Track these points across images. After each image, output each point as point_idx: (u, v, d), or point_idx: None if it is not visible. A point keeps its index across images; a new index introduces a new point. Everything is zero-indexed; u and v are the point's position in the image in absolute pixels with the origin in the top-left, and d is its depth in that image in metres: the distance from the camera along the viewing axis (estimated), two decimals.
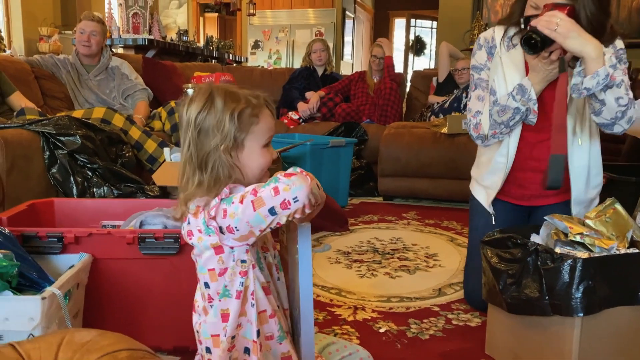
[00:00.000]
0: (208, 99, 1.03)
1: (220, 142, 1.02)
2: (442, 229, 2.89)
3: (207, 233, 1.01)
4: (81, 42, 3.30)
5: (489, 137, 1.71)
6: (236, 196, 0.99)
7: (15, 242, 1.33)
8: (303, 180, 0.96)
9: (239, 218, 0.97)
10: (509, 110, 1.62)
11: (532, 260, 1.32)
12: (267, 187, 0.96)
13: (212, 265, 1.04)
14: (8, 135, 2.23)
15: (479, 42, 1.77)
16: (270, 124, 1.06)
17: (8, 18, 7.41)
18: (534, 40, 1.46)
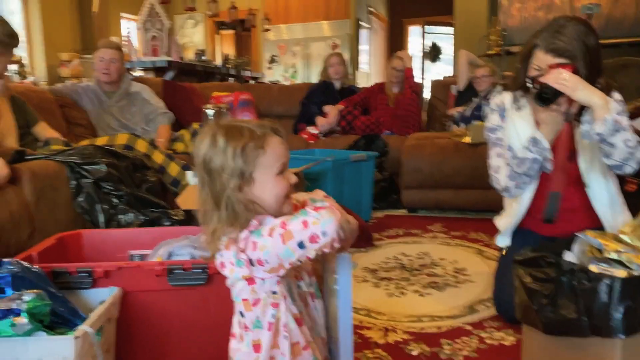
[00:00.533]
0: (211, 139, 1.04)
1: (228, 181, 1.02)
2: (470, 241, 2.85)
3: (238, 265, 1.02)
4: (101, 70, 3.35)
5: (511, 188, 1.87)
6: (265, 229, 0.99)
7: (46, 279, 1.33)
8: (332, 214, 0.96)
9: (269, 251, 0.98)
10: (527, 161, 1.78)
11: (567, 279, 1.29)
12: (296, 221, 0.96)
13: (246, 296, 1.05)
14: (35, 167, 2.25)
15: (491, 107, 1.98)
16: (279, 152, 1.06)
17: (30, 46, 7.57)
18: (546, 94, 1.66)
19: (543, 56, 1.73)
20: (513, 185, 1.86)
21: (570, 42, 1.68)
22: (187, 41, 9.92)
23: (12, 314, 1.15)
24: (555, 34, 1.71)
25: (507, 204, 2.04)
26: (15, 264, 1.29)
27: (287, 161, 1.07)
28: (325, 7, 9.23)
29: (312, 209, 0.97)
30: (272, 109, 4.73)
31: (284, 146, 1.07)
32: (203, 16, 9.71)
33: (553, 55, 1.70)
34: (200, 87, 4.60)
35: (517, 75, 1.90)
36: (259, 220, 1.02)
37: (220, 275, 1.43)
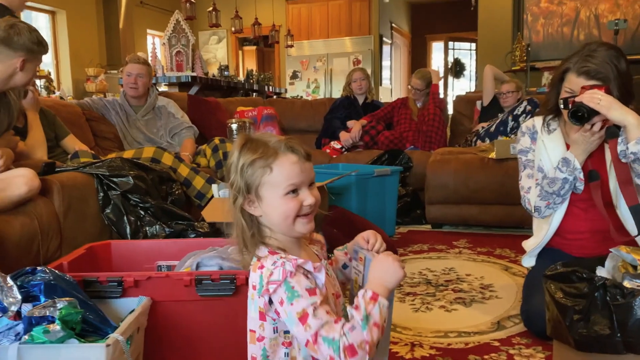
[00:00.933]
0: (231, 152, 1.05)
1: (236, 196, 1.03)
2: (496, 257, 2.82)
3: (259, 294, 1.00)
4: (128, 84, 3.41)
5: (542, 208, 1.89)
6: (299, 302, 0.95)
7: (77, 288, 1.35)
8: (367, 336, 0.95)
9: (289, 327, 0.97)
10: (558, 181, 1.81)
11: (600, 295, 1.27)
12: (326, 348, 0.94)
13: (254, 327, 1.03)
14: (64, 179, 2.30)
15: (522, 130, 2.01)
16: (289, 172, 1.02)
17: (57, 61, 7.74)
18: (581, 113, 1.66)
19: (575, 79, 1.75)
20: (544, 205, 1.88)
21: (602, 65, 1.71)
22: (211, 57, 10.07)
23: (45, 321, 1.16)
24: (587, 57, 1.74)
25: (537, 226, 2.04)
26: (48, 272, 1.31)
27: (301, 182, 1.03)
28: (348, 24, 9.31)
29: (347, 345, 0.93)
30: (295, 124, 4.76)
31: (298, 166, 1.02)
32: (227, 32, 9.85)
33: (585, 77, 1.72)
34: (224, 102, 4.65)
35: (547, 99, 1.93)
36: (296, 266, 0.97)
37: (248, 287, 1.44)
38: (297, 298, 0.95)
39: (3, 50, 2.09)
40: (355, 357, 0.93)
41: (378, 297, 0.98)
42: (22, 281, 1.28)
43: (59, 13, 7.60)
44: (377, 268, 1.04)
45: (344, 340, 0.93)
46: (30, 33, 2.13)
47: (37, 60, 2.20)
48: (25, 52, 2.11)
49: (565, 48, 6.33)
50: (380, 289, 1.00)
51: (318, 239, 1.20)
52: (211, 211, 2.49)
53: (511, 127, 3.61)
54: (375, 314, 0.97)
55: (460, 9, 9.25)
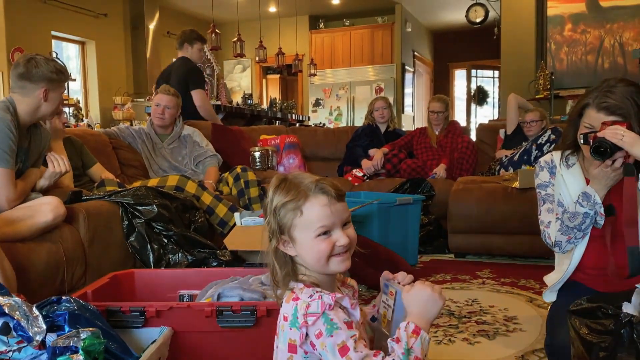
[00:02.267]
0: (269, 191, 1.07)
1: (270, 238, 1.05)
2: (520, 289, 2.77)
3: (291, 326, 1.00)
4: (156, 114, 3.48)
5: (562, 243, 1.87)
6: (338, 334, 0.96)
7: (100, 317, 1.37)
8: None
9: (326, 355, 0.97)
10: (579, 215, 1.79)
11: (627, 332, 1.24)
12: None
13: (283, 359, 1.03)
14: (90, 207, 2.34)
15: (540, 164, 1.99)
16: (319, 215, 1.02)
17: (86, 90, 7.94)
18: (604, 148, 1.65)
19: (595, 114, 1.74)
20: (565, 240, 1.86)
21: (622, 101, 1.70)
22: (235, 85, 10.23)
23: (69, 351, 1.18)
24: (606, 93, 1.73)
25: (558, 261, 2.01)
26: (72, 302, 1.33)
27: (332, 223, 1.03)
28: (371, 52, 9.40)
29: None
30: (317, 152, 4.78)
31: (329, 208, 1.03)
32: (251, 61, 10.01)
33: (605, 113, 1.71)
34: (247, 130, 4.71)
35: (565, 134, 1.92)
36: (335, 300, 0.99)
37: (269, 319, 1.45)
38: (337, 330, 0.96)
39: (25, 84, 2.16)
40: None
41: (420, 331, 0.99)
42: (47, 311, 1.30)
43: (89, 43, 7.83)
44: (416, 300, 1.03)
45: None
46: (48, 63, 2.19)
47: (60, 88, 2.26)
48: (46, 83, 2.17)
49: (590, 76, 6.29)
50: (422, 322, 1.00)
51: (352, 284, 1.20)
52: (233, 239, 2.51)
53: (535, 156, 3.58)
54: (416, 348, 0.97)
55: (483, 36, 9.28)
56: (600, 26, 6.31)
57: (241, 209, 3.12)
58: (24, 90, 2.16)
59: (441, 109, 4.22)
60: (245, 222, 2.72)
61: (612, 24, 6.27)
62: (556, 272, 1.99)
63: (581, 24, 6.41)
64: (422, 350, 0.98)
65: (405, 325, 0.99)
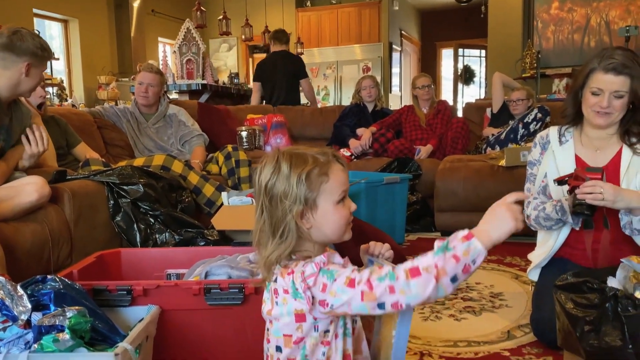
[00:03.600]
0: (275, 165, 1.03)
1: (290, 208, 1.01)
2: (506, 266, 2.80)
3: (295, 297, 0.99)
4: (140, 93, 3.43)
5: (534, 225, 1.92)
6: (340, 274, 0.97)
7: (86, 296, 1.36)
8: (421, 289, 0.92)
9: (341, 300, 0.96)
10: (552, 220, 1.84)
11: (612, 306, 1.26)
12: (383, 284, 0.93)
13: (289, 332, 1.02)
14: (75, 187, 2.31)
15: (535, 140, 2.02)
16: (341, 179, 1.04)
17: (69, 69, 7.82)
18: (587, 213, 1.65)
19: (602, 76, 1.74)
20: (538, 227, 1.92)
21: (626, 60, 1.72)
22: (221, 64, 10.12)
23: (55, 330, 1.17)
24: (609, 56, 1.75)
25: (542, 238, 2.03)
26: (57, 281, 1.32)
27: (347, 189, 1.06)
28: (358, 31, 9.33)
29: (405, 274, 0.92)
30: (304, 132, 4.76)
31: (344, 174, 1.06)
32: (237, 40, 9.90)
33: (614, 74, 1.72)
34: (234, 109, 4.67)
35: (565, 107, 1.92)
36: (328, 257, 1.00)
37: (257, 296, 1.44)
38: (337, 272, 0.97)
39: (8, 56, 2.10)
40: (418, 277, 0.90)
41: (472, 237, 0.93)
42: (32, 290, 1.29)
43: (72, 22, 7.69)
44: (485, 217, 0.98)
45: (401, 267, 0.92)
46: (34, 39, 2.14)
47: (42, 65, 2.21)
48: (29, 57, 2.12)
49: (576, 55, 6.30)
50: (481, 234, 0.94)
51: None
52: (221, 219, 2.49)
53: (521, 134, 3.60)
54: (459, 248, 0.92)
55: (470, 15, 9.25)
56: (587, 4, 6.31)
57: (229, 188, 3.11)
58: (4, 62, 2.10)
59: (428, 83, 4.23)
60: (233, 202, 2.70)
61: (598, 2, 6.28)
62: (540, 248, 2.01)
63: (568, 3, 6.40)
64: (467, 255, 0.91)
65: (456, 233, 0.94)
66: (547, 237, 1.96)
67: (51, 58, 2.27)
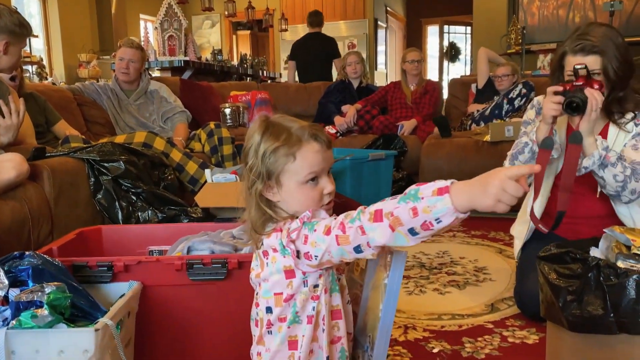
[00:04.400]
0: (252, 134, 1.02)
1: (252, 182, 1.01)
2: (490, 240, 2.82)
3: (283, 254, 0.99)
4: (120, 69, 3.37)
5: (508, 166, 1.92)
6: (320, 224, 0.96)
7: (66, 272, 1.33)
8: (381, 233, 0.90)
9: (321, 249, 0.95)
10: (520, 144, 1.85)
11: (594, 275, 1.26)
12: (354, 226, 0.91)
13: (280, 289, 1.02)
14: (55, 164, 2.27)
15: (533, 102, 2.02)
16: (312, 160, 1.00)
17: (49, 47, 7.66)
18: (576, 104, 1.63)
19: (572, 59, 1.73)
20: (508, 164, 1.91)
21: (597, 40, 1.70)
22: (204, 41, 9.99)
23: (33, 306, 1.15)
24: (579, 36, 1.73)
25: (521, 212, 2.03)
26: (35, 257, 1.29)
27: (321, 170, 1.01)
28: (343, 7, 9.22)
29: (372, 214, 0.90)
30: (289, 108, 4.72)
31: (321, 155, 1.01)
32: (220, 16, 9.77)
33: (582, 54, 1.71)
34: (217, 86, 4.62)
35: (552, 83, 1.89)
36: (313, 212, 0.99)
37: (240, 271, 1.43)
38: (317, 223, 0.96)
39: None
40: (378, 222, 0.88)
41: (446, 193, 0.84)
42: (10, 266, 1.26)
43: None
44: (479, 178, 0.88)
45: (369, 209, 0.91)
46: (12, 15, 2.09)
47: (21, 43, 2.16)
48: (7, 35, 2.07)
49: (561, 30, 6.29)
50: (460, 194, 0.84)
51: None
52: (204, 196, 2.47)
53: (506, 110, 3.59)
54: (423, 203, 0.85)
55: None
56: None
57: (212, 165, 3.08)
58: None
59: (418, 58, 4.21)
60: (217, 179, 2.68)
61: None
62: (520, 223, 2.01)
63: None
64: (429, 212, 0.84)
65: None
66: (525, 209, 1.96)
67: (30, 35, 2.21)
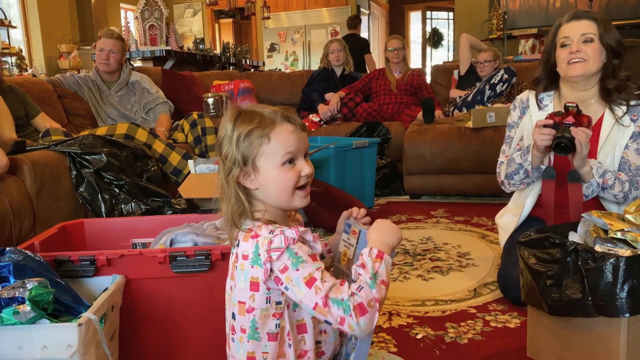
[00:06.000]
0: (223, 124, 1.02)
1: (229, 169, 1.00)
2: (473, 226, 2.84)
3: (253, 264, 0.97)
4: (100, 60, 3.33)
5: (506, 184, 1.94)
6: (305, 267, 0.95)
7: (48, 267, 1.33)
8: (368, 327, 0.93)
9: (294, 292, 0.95)
10: (514, 164, 1.86)
11: (572, 260, 1.28)
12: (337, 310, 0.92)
13: (243, 299, 1.00)
14: (35, 157, 2.25)
15: (515, 102, 2.01)
16: (286, 141, 1.00)
17: (28, 38, 7.54)
18: (564, 144, 1.64)
19: (567, 25, 1.79)
20: (506, 182, 1.94)
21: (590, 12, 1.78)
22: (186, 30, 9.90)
23: (15, 302, 1.14)
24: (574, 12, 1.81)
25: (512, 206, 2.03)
26: (17, 253, 1.28)
27: (297, 150, 1.01)
28: None
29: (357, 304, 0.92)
30: (273, 97, 4.71)
31: (295, 135, 1.01)
32: (202, 5, 9.67)
33: (576, 20, 1.76)
34: (200, 76, 4.58)
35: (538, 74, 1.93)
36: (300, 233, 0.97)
37: (224, 262, 1.43)
38: (302, 263, 0.94)
39: None
40: (365, 315, 0.92)
41: (384, 255, 0.98)
42: None
43: None
44: (377, 230, 1.03)
45: (353, 300, 0.92)
46: None
47: None
48: None
49: (542, 15, 6.32)
50: (384, 248, 1.00)
51: (298, 218, 1.18)
52: (188, 187, 2.46)
53: (488, 96, 3.61)
54: (382, 272, 0.96)
55: None
56: None
57: (195, 156, 3.06)
58: None
59: (399, 46, 4.20)
60: (200, 170, 2.67)
61: None
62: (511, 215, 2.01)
63: None
64: (387, 273, 0.97)
65: (368, 251, 0.98)
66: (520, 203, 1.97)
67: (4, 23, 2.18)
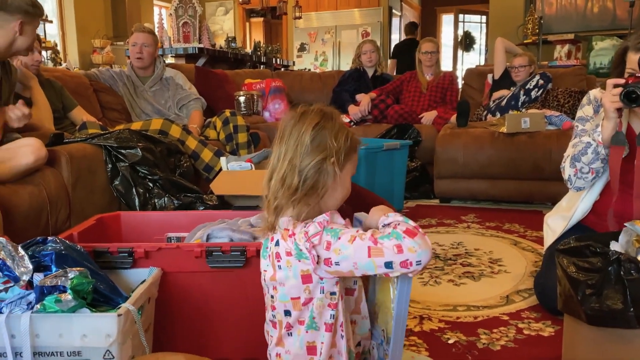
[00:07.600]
0: (323, 117, 1.06)
1: (330, 155, 1.03)
2: (504, 232, 2.81)
3: (299, 258, 0.99)
4: (134, 54, 3.38)
5: (572, 177, 1.81)
6: (344, 233, 0.97)
7: (88, 258, 1.35)
8: (427, 245, 0.94)
9: (346, 257, 0.96)
10: (582, 144, 1.75)
11: (614, 269, 1.26)
12: (389, 241, 0.94)
13: (297, 294, 1.02)
14: (73, 150, 2.28)
15: (589, 97, 1.91)
16: (354, 166, 1.11)
17: (63, 32, 7.68)
18: (636, 95, 1.54)
19: (634, 56, 1.68)
20: (572, 174, 1.80)
21: None
22: (218, 28, 9.98)
23: (57, 291, 1.16)
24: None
25: (565, 205, 1.95)
26: (58, 242, 1.31)
27: None
28: None
29: (404, 231, 0.94)
30: (303, 97, 4.72)
31: None
32: (234, 3, 9.74)
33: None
34: (232, 74, 4.61)
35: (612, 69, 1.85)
36: (330, 215, 1.01)
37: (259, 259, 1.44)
38: (341, 232, 0.98)
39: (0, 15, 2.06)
40: (417, 235, 0.94)
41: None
42: (34, 251, 1.27)
43: None
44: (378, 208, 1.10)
45: (399, 229, 0.95)
46: None
47: (35, 22, 2.17)
48: (22, 15, 2.08)
49: (579, 20, 6.22)
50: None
51: None
52: (220, 184, 2.48)
53: (522, 101, 3.57)
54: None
55: None
56: None
57: (227, 153, 3.08)
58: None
59: (433, 49, 4.18)
60: (232, 167, 2.69)
61: None
62: (561, 217, 1.94)
63: None
64: None
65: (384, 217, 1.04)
66: (573, 204, 1.90)
67: (43, 14, 2.22)
